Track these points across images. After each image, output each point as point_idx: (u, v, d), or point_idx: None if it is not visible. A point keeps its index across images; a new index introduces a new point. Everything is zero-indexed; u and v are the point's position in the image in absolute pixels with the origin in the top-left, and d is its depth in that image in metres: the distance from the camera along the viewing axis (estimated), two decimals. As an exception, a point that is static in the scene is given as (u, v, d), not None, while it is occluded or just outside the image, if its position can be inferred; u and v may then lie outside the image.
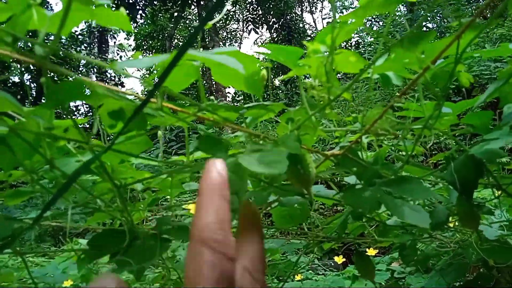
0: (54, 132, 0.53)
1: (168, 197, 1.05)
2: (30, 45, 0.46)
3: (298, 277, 2.07)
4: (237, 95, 16.26)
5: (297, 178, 0.57)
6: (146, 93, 0.51)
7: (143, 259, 0.65)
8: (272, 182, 0.67)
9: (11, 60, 0.47)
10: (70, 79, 0.46)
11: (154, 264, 1.34)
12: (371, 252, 2.05)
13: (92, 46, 18.66)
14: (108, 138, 0.67)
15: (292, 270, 1.26)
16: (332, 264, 3.76)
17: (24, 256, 0.87)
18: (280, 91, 11.70)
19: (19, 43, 0.45)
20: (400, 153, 0.91)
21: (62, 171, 0.56)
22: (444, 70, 0.59)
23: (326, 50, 0.55)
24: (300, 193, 0.69)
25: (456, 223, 1.13)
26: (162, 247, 0.68)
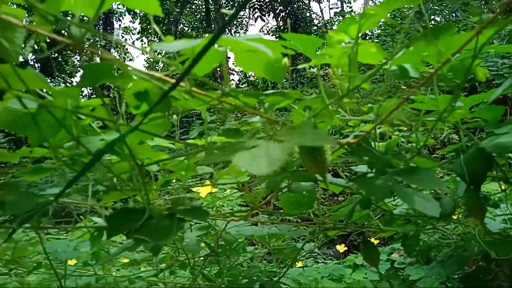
0: (82, 111, 0.54)
1: (173, 180, 1.07)
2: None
3: (299, 264, 2.10)
4: (240, 83, 16.23)
5: (313, 164, 0.59)
6: (173, 76, 0.53)
7: (160, 238, 0.67)
8: (286, 167, 0.69)
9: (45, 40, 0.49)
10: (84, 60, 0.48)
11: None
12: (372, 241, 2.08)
13: (97, 28, 18.53)
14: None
15: (297, 256, 1.28)
16: (332, 253, 3.81)
17: (40, 231, 0.90)
18: (285, 80, 11.69)
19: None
20: (410, 144, 0.93)
21: (87, 149, 0.58)
22: (460, 64, 0.60)
23: (349, 41, 0.56)
24: (313, 179, 0.71)
25: (460, 216, 1.16)
26: (178, 226, 0.70)
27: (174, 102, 0.57)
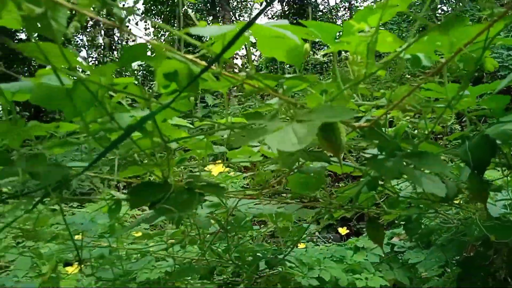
0: (115, 88, 0.58)
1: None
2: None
3: (301, 246, 2.15)
4: (244, 67, 16.13)
5: (329, 145, 0.63)
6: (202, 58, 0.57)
7: (181, 209, 0.71)
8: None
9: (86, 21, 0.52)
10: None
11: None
12: (373, 226, 2.13)
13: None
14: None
15: (303, 234, 1.33)
16: (331, 237, 3.88)
17: (61, 203, 0.94)
18: (289, 66, 11.66)
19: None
20: (416, 131, 0.96)
21: (119, 124, 0.62)
22: (470, 55, 0.64)
23: (368, 30, 0.60)
24: (326, 159, 0.75)
25: (461, 201, 1.20)
26: (198, 200, 0.75)
27: (202, 84, 0.60)
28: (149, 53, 0.57)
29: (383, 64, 0.59)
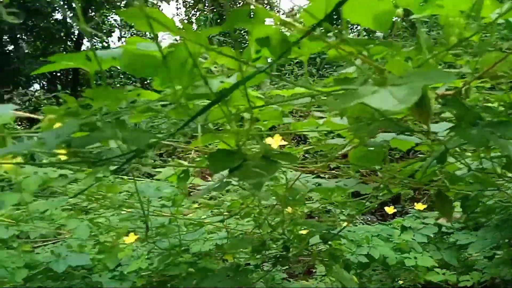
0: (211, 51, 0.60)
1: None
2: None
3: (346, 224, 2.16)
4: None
5: (419, 112, 0.63)
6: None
7: (266, 174, 0.73)
8: (384, 114, 0.73)
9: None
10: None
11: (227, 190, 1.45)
12: (419, 207, 2.12)
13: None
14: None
15: (362, 209, 1.34)
16: (369, 219, 3.87)
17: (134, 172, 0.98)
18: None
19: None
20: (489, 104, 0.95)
21: (211, 89, 0.63)
22: None
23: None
24: (410, 128, 0.75)
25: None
26: (275, 167, 0.76)
27: (294, 49, 0.61)
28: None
29: (481, 28, 0.58)
